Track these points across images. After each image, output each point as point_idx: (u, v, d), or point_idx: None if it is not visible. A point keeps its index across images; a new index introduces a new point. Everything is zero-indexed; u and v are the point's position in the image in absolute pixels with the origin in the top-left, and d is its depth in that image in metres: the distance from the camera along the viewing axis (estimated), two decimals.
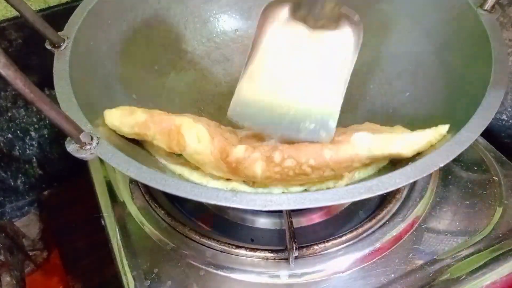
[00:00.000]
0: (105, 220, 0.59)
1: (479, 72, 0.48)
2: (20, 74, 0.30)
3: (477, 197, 0.58)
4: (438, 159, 0.38)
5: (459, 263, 0.52)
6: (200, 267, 0.53)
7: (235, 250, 0.53)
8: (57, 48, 0.48)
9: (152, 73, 0.62)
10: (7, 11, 0.74)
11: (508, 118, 0.72)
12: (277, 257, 0.53)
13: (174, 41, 0.66)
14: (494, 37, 0.49)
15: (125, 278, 0.52)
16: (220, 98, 0.65)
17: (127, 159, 0.38)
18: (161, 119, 0.44)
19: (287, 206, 0.36)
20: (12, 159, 0.89)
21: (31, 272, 0.91)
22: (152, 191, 0.60)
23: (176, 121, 0.43)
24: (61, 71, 0.46)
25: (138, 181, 0.41)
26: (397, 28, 0.63)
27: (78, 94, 0.44)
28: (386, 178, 0.37)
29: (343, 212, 0.59)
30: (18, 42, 0.78)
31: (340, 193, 0.36)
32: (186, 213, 0.58)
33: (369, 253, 0.53)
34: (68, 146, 0.37)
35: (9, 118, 0.84)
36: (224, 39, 0.71)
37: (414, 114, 0.56)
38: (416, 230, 0.56)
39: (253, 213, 0.58)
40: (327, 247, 0.53)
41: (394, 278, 0.51)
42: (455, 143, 0.40)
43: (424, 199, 0.58)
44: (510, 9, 0.69)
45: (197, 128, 0.43)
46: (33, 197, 0.98)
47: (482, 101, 0.43)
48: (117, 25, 0.58)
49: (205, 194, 0.36)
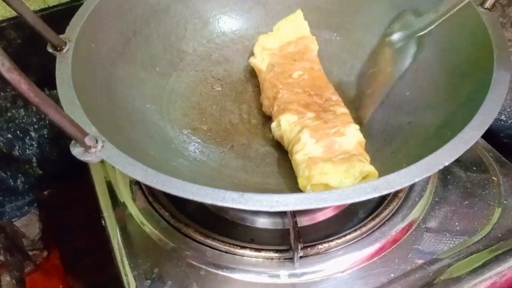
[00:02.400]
0: (105, 220, 0.59)
1: (481, 70, 0.48)
2: (25, 78, 0.30)
3: (476, 197, 0.59)
4: (443, 157, 0.39)
5: (458, 263, 0.52)
6: (200, 267, 0.53)
7: (240, 250, 0.53)
8: (59, 51, 0.48)
9: (153, 75, 0.62)
10: (6, 11, 0.74)
11: (507, 118, 0.72)
12: (281, 257, 0.53)
13: (174, 43, 0.67)
14: (495, 35, 0.49)
15: (126, 278, 0.53)
16: (222, 98, 0.65)
17: (132, 161, 0.38)
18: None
19: (293, 207, 0.36)
20: (12, 159, 0.89)
21: (30, 272, 0.91)
22: (155, 192, 0.60)
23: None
24: (64, 74, 0.46)
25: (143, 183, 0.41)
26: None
27: (81, 97, 0.44)
28: (392, 177, 0.37)
29: (343, 211, 0.59)
30: (17, 42, 0.78)
31: (346, 193, 0.36)
32: (187, 213, 0.58)
33: (369, 253, 0.54)
34: (73, 150, 0.37)
35: (9, 118, 0.84)
36: (224, 40, 0.71)
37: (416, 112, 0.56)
38: (415, 230, 0.56)
39: (253, 212, 0.58)
40: (331, 246, 0.53)
41: (394, 278, 0.51)
42: (459, 141, 0.40)
43: (423, 199, 0.59)
44: (510, 9, 0.69)
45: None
46: (32, 197, 0.98)
47: (484, 99, 0.43)
48: (118, 27, 0.58)
49: (212, 196, 0.36)
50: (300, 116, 0.56)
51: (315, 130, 0.53)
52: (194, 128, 0.60)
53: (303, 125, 0.54)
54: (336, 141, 0.52)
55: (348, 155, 0.50)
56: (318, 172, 0.49)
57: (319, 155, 0.51)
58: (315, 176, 0.48)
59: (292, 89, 0.60)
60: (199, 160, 0.56)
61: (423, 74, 0.58)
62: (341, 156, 0.50)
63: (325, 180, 0.48)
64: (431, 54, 0.58)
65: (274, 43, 0.67)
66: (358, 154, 0.50)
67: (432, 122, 0.51)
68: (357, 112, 0.60)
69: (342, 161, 0.49)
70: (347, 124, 0.54)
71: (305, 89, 0.60)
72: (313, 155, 0.51)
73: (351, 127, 0.53)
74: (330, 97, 0.59)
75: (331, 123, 0.54)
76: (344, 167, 0.48)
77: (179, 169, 0.52)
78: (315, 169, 0.49)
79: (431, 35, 0.58)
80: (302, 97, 0.59)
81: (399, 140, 0.54)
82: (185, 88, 0.65)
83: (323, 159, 0.50)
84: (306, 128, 0.53)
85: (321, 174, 0.48)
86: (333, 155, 0.50)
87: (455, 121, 0.45)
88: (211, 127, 0.61)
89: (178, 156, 0.54)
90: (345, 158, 0.50)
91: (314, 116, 0.56)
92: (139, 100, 0.58)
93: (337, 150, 0.51)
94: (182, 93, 0.64)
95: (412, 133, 0.53)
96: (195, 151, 0.57)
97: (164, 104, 0.61)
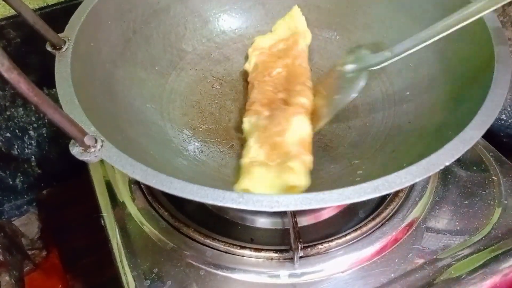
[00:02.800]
0: (104, 219, 0.59)
1: (481, 70, 0.48)
2: (24, 77, 0.30)
3: (477, 197, 0.59)
4: (444, 157, 0.38)
5: (458, 263, 0.52)
6: (200, 267, 0.53)
7: (239, 250, 0.53)
8: (58, 50, 0.48)
9: (153, 74, 0.62)
10: (6, 10, 0.74)
11: (507, 118, 0.72)
12: (281, 257, 0.53)
13: (174, 42, 0.66)
14: (496, 34, 0.49)
15: (125, 278, 0.52)
16: (221, 98, 0.65)
17: (132, 161, 0.38)
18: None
19: (293, 207, 0.35)
20: (11, 158, 0.89)
21: (30, 271, 0.91)
22: (154, 191, 0.60)
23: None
24: (63, 73, 0.46)
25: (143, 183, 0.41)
26: (397, 26, 0.64)
27: (80, 96, 0.44)
28: (392, 177, 0.37)
29: (343, 211, 0.59)
30: (16, 41, 0.77)
31: (346, 193, 0.36)
32: (187, 213, 0.58)
33: (369, 253, 0.53)
34: (72, 149, 0.37)
35: (8, 117, 0.84)
36: (224, 39, 0.71)
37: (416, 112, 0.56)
38: (415, 230, 0.56)
39: (253, 212, 0.58)
40: (331, 246, 0.53)
41: (394, 278, 0.51)
42: (460, 141, 0.39)
43: (423, 199, 0.58)
44: (510, 8, 0.69)
45: None
46: (31, 196, 0.98)
47: (485, 99, 0.43)
48: (117, 26, 0.58)
49: (211, 196, 0.36)
50: (257, 116, 0.56)
51: (263, 131, 0.54)
52: (193, 127, 0.60)
53: (256, 127, 0.55)
54: (277, 142, 0.52)
55: (285, 158, 0.50)
56: (249, 177, 0.49)
57: (260, 159, 0.51)
58: (245, 181, 0.49)
59: (263, 88, 0.60)
60: (199, 159, 0.56)
61: (423, 74, 0.58)
62: (279, 160, 0.50)
63: (250, 186, 0.48)
64: (431, 53, 0.58)
65: (266, 43, 0.67)
66: (294, 157, 0.50)
67: (432, 122, 0.51)
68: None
69: (275, 167, 0.49)
70: (292, 116, 0.54)
71: (276, 86, 0.60)
72: (255, 160, 0.51)
73: (295, 119, 0.54)
74: (295, 87, 0.59)
75: (277, 119, 0.54)
76: (272, 175, 0.49)
77: (179, 168, 0.52)
78: (249, 173, 0.49)
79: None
80: (268, 95, 0.59)
81: (399, 140, 0.54)
82: (185, 87, 0.65)
83: (261, 163, 0.50)
84: (257, 131, 0.54)
85: (250, 179, 0.49)
86: (271, 159, 0.51)
87: (456, 121, 0.45)
88: (210, 126, 0.61)
89: (177, 156, 0.54)
90: (280, 163, 0.50)
91: (268, 115, 0.56)
92: (139, 100, 0.57)
93: (277, 153, 0.51)
94: (181, 92, 0.64)
95: (412, 132, 0.53)
96: (194, 150, 0.57)
97: (163, 103, 0.61)
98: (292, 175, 0.48)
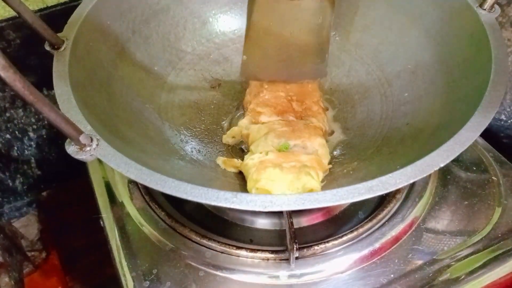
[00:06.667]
0: (104, 220, 0.59)
1: (479, 72, 0.48)
2: (20, 76, 0.30)
3: (476, 197, 0.58)
4: (439, 159, 0.38)
5: (458, 263, 0.52)
6: (199, 268, 0.53)
7: (236, 251, 0.53)
8: (56, 49, 0.48)
9: (152, 74, 0.62)
10: (5, 11, 0.74)
11: (507, 118, 0.72)
12: (277, 257, 0.53)
13: (173, 42, 0.67)
14: (494, 37, 0.49)
15: (124, 279, 0.52)
16: (220, 98, 0.65)
17: (127, 160, 0.38)
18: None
19: (287, 207, 0.35)
20: (11, 160, 0.89)
21: (29, 272, 0.90)
22: (152, 191, 0.60)
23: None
24: (61, 72, 0.46)
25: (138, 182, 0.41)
26: (396, 27, 0.63)
27: (77, 95, 0.44)
28: (386, 178, 0.37)
29: (342, 212, 0.59)
30: (16, 43, 0.77)
31: (340, 194, 0.36)
32: (185, 213, 0.58)
33: (369, 253, 0.53)
34: (68, 148, 0.37)
35: (7, 119, 0.84)
36: (223, 40, 0.71)
37: (414, 113, 0.56)
38: (415, 230, 0.56)
39: (252, 213, 0.58)
40: (328, 247, 0.53)
41: (394, 278, 0.51)
42: (455, 143, 0.40)
43: (423, 199, 0.58)
44: (509, 9, 0.69)
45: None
46: (31, 198, 0.97)
47: (481, 101, 0.43)
48: (116, 26, 0.58)
49: (205, 195, 0.36)
50: (269, 118, 0.57)
51: (279, 136, 0.54)
52: (191, 127, 0.60)
53: (270, 129, 0.55)
54: (294, 152, 0.52)
55: (300, 164, 0.50)
56: (265, 177, 0.49)
57: (271, 159, 0.51)
58: (261, 180, 0.49)
59: (275, 91, 0.60)
60: (196, 159, 0.56)
61: (421, 75, 0.58)
62: (293, 163, 0.50)
63: (269, 186, 0.48)
64: (429, 55, 0.58)
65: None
66: (310, 166, 0.50)
67: (430, 123, 0.51)
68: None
69: (291, 170, 0.49)
70: (313, 137, 0.54)
71: (289, 93, 0.60)
72: (265, 159, 0.51)
73: (317, 141, 0.54)
74: (311, 106, 0.59)
75: (299, 132, 0.54)
76: (290, 177, 0.49)
77: (176, 168, 0.52)
78: (264, 173, 0.49)
79: (429, 36, 0.58)
80: (281, 101, 0.59)
81: (397, 141, 0.54)
82: (184, 87, 0.65)
83: (273, 163, 0.50)
84: (272, 132, 0.54)
85: (267, 179, 0.49)
86: (284, 160, 0.50)
87: (453, 122, 0.45)
88: (208, 126, 0.61)
89: (174, 156, 0.54)
90: (295, 167, 0.50)
91: (285, 122, 0.56)
92: (137, 99, 0.57)
93: (290, 156, 0.51)
94: (180, 92, 0.64)
95: (410, 134, 0.53)
96: (192, 150, 0.57)
97: (162, 103, 0.61)
98: (311, 179, 0.48)
